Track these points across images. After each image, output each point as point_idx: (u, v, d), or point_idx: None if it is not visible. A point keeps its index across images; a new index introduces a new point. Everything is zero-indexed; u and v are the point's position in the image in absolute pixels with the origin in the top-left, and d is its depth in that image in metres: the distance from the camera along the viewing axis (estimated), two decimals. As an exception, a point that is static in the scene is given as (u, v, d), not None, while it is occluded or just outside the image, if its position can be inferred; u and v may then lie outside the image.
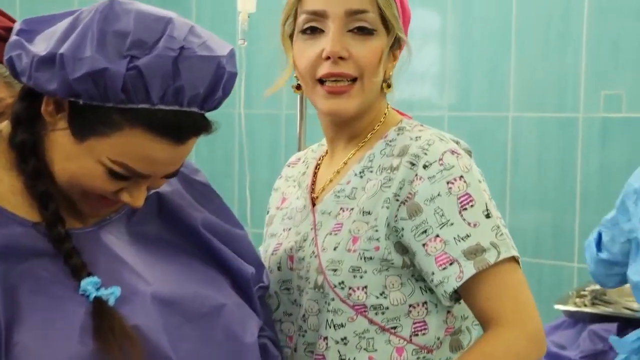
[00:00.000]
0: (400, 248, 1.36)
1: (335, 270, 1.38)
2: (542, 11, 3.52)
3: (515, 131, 3.62)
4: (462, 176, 1.34)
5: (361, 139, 1.47)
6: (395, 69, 1.47)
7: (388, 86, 1.45)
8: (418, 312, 1.38)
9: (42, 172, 1.21)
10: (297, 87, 1.48)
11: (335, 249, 1.39)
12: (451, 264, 1.32)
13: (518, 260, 1.36)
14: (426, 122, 3.82)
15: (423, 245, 1.33)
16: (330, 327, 1.39)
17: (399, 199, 1.36)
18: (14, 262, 1.16)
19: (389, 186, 1.37)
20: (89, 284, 1.17)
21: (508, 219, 3.64)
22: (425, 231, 1.33)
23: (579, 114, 3.48)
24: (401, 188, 1.36)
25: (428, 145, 1.37)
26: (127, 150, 1.15)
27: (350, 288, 1.37)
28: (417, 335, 1.38)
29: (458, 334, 1.44)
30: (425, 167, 1.35)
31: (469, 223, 1.32)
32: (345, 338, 1.38)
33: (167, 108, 1.14)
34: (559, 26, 3.50)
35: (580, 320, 2.74)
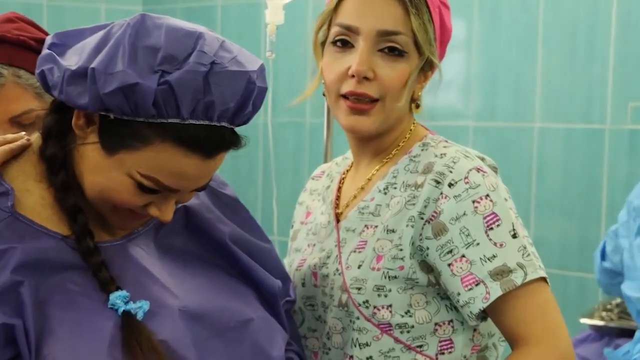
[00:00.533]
0: (425, 267, 1.36)
1: (359, 288, 1.37)
2: (569, 21, 3.51)
3: (541, 142, 3.61)
4: (488, 195, 1.33)
5: (386, 155, 1.46)
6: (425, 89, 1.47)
7: (417, 107, 1.44)
8: (444, 331, 1.37)
9: (72, 185, 1.22)
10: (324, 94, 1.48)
11: (359, 267, 1.38)
12: (477, 285, 1.31)
13: (546, 279, 1.34)
14: (451, 132, 3.79)
15: (449, 265, 1.33)
16: (355, 346, 1.38)
17: (424, 218, 1.35)
18: (45, 276, 1.17)
19: (414, 204, 1.36)
20: (118, 298, 1.18)
21: (533, 230, 3.63)
22: (450, 251, 1.33)
23: (606, 126, 3.46)
24: (426, 206, 1.35)
25: (453, 162, 1.36)
26: (157, 164, 1.16)
27: (374, 307, 1.36)
28: (444, 353, 1.37)
29: (484, 351, 1.43)
30: (450, 186, 1.34)
31: (495, 243, 1.31)
32: (370, 357, 1.38)
33: (198, 123, 1.15)
34: (586, 37, 3.48)
35: (606, 334, 2.73)
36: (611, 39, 3.42)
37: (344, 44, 1.39)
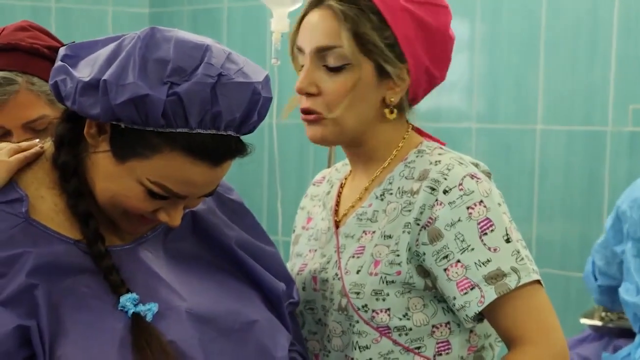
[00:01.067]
0: (422, 271, 1.39)
1: (358, 293, 1.41)
2: (571, 24, 3.52)
3: (543, 143, 3.62)
4: (482, 201, 1.36)
5: (380, 163, 1.48)
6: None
7: (390, 112, 1.44)
8: (441, 333, 1.41)
9: (84, 192, 1.26)
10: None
11: (358, 272, 1.42)
12: (472, 289, 1.34)
13: (540, 282, 1.38)
14: (454, 134, 3.81)
15: (444, 270, 1.36)
16: (355, 349, 1.42)
17: (420, 224, 1.38)
18: (57, 279, 1.21)
19: (410, 210, 1.39)
20: (128, 300, 1.22)
21: (535, 231, 3.65)
22: (446, 256, 1.36)
23: (607, 128, 3.47)
24: (422, 213, 1.38)
25: (448, 170, 1.39)
26: (166, 172, 1.20)
27: (373, 311, 1.40)
28: (441, 355, 1.41)
29: (481, 351, 1.46)
30: (445, 192, 1.37)
31: (490, 248, 1.35)
32: (370, 359, 1.41)
33: (205, 132, 1.18)
34: (588, 39, 3.49)
35: (605, 334, 2.76)
36: (613, 42, 3.43)
37: (302, 65, 1.45)
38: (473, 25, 3.78)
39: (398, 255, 1.39)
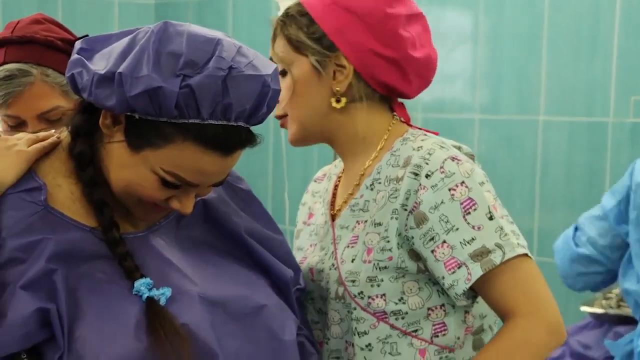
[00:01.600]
0: (413, 255, 1.43)
1: (353, 281, 1.45)
2: (573, 15, 3.53)
3: (545, 135, 3.64)
4: (464, 182, 1.40)
5: (367, 155, 1.53)
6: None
7: (337, 101, 1.49)
8: (437, 315, 1.45)
9: (99, 181, 1.30)
10: None
11: (352, 261, 1.46)
12: (459, 268, 1.38)
13: (527, 255, 1.41)
14: (457, 125, 3.82)
15: (432, 251, 1.40)
16: (355, 335, 1.46)
17: (407, 209, 1.42)
18: (75, 265, 1.25)
19: (396, 197, 1.44)
20: (142, 285, 1.26)
21: (537, 221, 3.67)
22: (432, 238, 1.40)
23: (609, 119, 3.49)
24: (407, 198, 1.42)
25: (429, 154, 1.43)
26: (179, 161, 1.23)
27: (369, 297, 1.44)
28: (438, 336, 1.45)
29: (480, 333, 1.51)
30: (427, 177, 1.41)
31: (473, 226, 1.39)
32: (369, 344, 1.46)
33: (216, 123, 1.22)
34: (590, 31, 3.51)
35: (606, 321, 2.78)
36: (615, 34, 3.44)
37: None
38: (476, 17, 3.80)
39: (388, 241, 1.43)
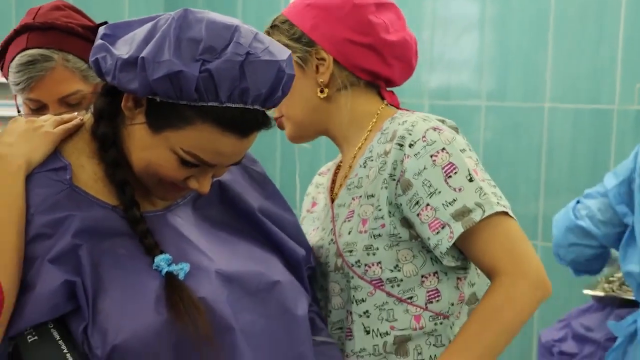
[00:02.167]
0: (405, 223, 1.50)
1: (351, 251, 1.52)
2: (580, 3, 3.57)
3: (550, 121, 3.68)
4: (444, 148, 1.47)
5: (358, 139, 1.62)
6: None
7: (321, 91, 1.60)
8: (430, 282, 1.52)
9: (121, 161, 1.35)
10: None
11: (349, 233, 1.54)
12: (443, 228, 1.45)
13: (508, 213, 1.46)
14: (464, 111, 3.84)
15: (417, 215, 1.47)
16: (353, 303, 1.54)
17: (395, 178, 1.50)
18: (98, 241, 1.30)
19: (385, 169, 1.51)
20: (162, 260, 1.31)
21: (542, 207, 3.72)
22: (417, 202, 1.47)
23: (614, 106, 3.53)
24: (394, 168, 1.50)
25: (412, 126, 1.51)
26: (198, 142, 1.28)
27: (366, 265, 1.51)
28: (432, 302, 1.52)
29: (475, 303, 1.57)
30: (411, 146, 1.49)
31: (455, 188, 1.45)
32: (367, 311, 1.53)
33: (234, 106, 1.27)
34: (596, 19, 3.54)
35: (608, 304, 2.82)
36: (620, 22, 3.47)
37: None
38: (483, 5, 3.83)
39: (380, 210, 1.50)
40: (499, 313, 1.41)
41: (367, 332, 1.53)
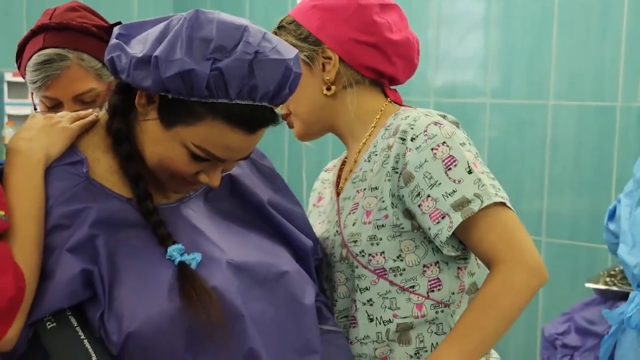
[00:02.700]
0: (407, 214, 1.55)
1: (355, 241, 1.58)
2: (583, 2, 3.57)
3: (555, 118, 3.69)
4: (445, 142, 1.52)
5: (362, 135, 1.67)
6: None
7: (327, 89, 1.65)
8: (432, 271, 1.57)
9: (134, 155, 1.40)
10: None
11: (354, 224, 1.59)
12: (443, 218, 1.50)
13: (506, 204, 1.51)
14: (469, 109, 3.88)
15: (418, 206, 1.52)
16: (357, 291, 1.59)
17: (397, 171, 1.55)
18: (113, 231, 1.35)
19: (388, 162, 1.57)
20: (175, 251, 1.36)
21: (546, 203, 3.74)
22: (418, 194, 1.52)
23: (617, 103, 3.53)
24: (397, 161, 1.55)
25: (414, 121, 1.56)
26: (208, 137, 1.33)
27: (369, 254, 1.56)
28: (433, 291, 1.57)
29: (475, 293, 1.61)
30: (412, 140, 1.54)
31: (454, 180, 1.50)
32: (370, 300, 1.58)
33: (243, 103, 1.31)
34: (599, 17, 3.55)
35: (609, 298, 2.86)
36: (624, 20, 3.48)
37: None
38: (488, 4, 3.85)
39: (383, 201, 1.56)
40: (498, 300, 1.45)
41: (371, 320, 1.58)
